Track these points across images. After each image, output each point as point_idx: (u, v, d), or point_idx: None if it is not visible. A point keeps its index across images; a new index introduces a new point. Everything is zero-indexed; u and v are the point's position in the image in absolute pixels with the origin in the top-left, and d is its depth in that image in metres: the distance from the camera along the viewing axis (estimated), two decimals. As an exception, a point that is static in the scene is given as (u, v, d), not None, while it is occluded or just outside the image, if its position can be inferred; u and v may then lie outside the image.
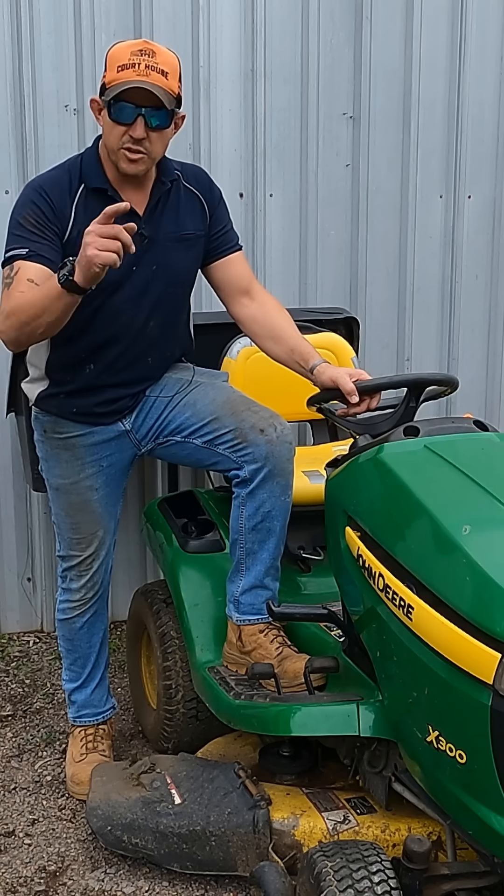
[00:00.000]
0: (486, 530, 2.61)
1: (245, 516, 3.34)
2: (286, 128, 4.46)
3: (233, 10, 4.32)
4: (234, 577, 3.41)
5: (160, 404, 3.44)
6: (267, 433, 3.29)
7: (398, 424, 3.03)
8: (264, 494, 3.31)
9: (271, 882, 2.84)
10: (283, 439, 3.30)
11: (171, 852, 3.09)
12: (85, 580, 3.55)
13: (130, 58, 3.10)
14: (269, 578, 3.38)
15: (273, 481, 3.30)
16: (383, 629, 2.77)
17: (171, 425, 3.43)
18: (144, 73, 3.09)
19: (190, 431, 3.39)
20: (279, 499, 3.33)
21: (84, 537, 3.51)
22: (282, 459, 3.30)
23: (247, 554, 3.36)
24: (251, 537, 3.35)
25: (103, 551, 3.55)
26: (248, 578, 3.37)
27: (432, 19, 4.51)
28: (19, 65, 4.19)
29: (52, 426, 3.44)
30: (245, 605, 3.37)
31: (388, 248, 4.64)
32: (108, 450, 3.45)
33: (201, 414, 3.38)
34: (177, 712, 3.59)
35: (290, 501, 3.36)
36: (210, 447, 3.36)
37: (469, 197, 4.69)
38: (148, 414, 3.45)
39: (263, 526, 3.33)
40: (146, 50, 3.11)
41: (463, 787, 2.54)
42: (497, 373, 4.89)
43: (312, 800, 3.09)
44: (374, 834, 2.97)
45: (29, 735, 3.95)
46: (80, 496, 3.47)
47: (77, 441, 3.42)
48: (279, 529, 3.36)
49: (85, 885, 3.15)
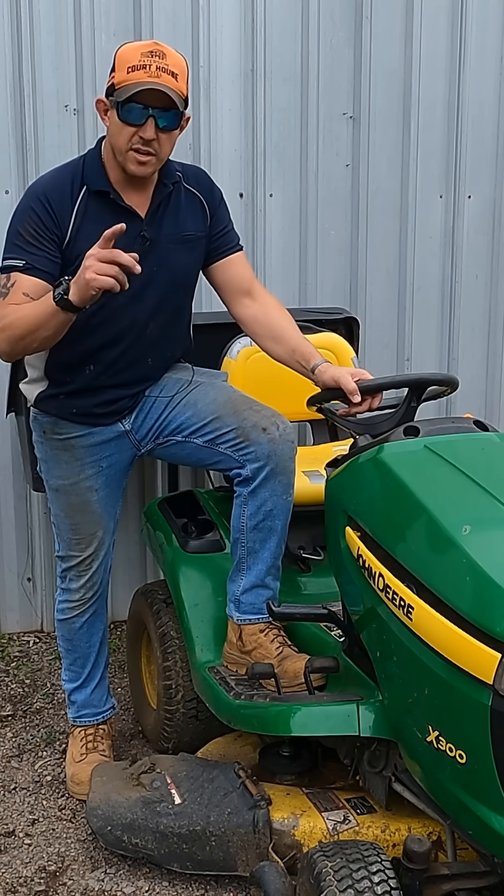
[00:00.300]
0: (487, 530, 2.61)
1: (247, 515, 3.34)
2: (286, 128, 4.46)
3: (233, 10, 4.32)
4: (234, 577, 3.40)
5: (160, 404, 3.44)
6: (269, 432, 3.29)
7: (398, 424, 3.02)
8: (266, 493, 3.31)
9: (271, 882, 2.84)
10: (285, 438, 3.30)
11: (171, 852, 3.09)
12: (84, 580, 3.55)
13: (141, 59, 3.09)
14: (271, 578, 3.38)
15: (275, 480, 3.30)
16: (383, 629, 2.77)
17: (171, 425, 3.43)
18: (156, 75, 3.09)
19: (191, 431, 3.39)
20: (281, 497, 3.33)
21: (84, 538, 3.51)
22: (284, 458, 3.30)
23: (248, 553, 3.36)
24: (253, 536, 3.35)
25: (102, 551, 3.54)
26: (249, 577, 3.37)
27: (432, 19, 4.51)
28: (19, 65, 4.19)
29: (51, 427, 3.43)
30: (246, 605, 3.37)
31: (388, 248, 4.64)
32: (107, 450, 3.44)
33: (202, 413, 3.38)
34: (177, 712, 3.59)
35: (291, 500, 3.36)
36: (211, 446, 3.36)
37: (469, 197, 4.69)
38: (148, 414, 3.45)
39: (265, 525, 3.33)
40: (156, 51, 3.11)
41: (463, 787, 2.54)
42: (497, 373, 4.88)
43: (312, 800, 3.09)
44: (374, 834, 2.97)
45: (29, 735, 3.95)
46: (80, 497, 3.46)
47: (77, 442, 3.42)
48: (281, 528, 3.35)
49: (85, 885, 3.15)
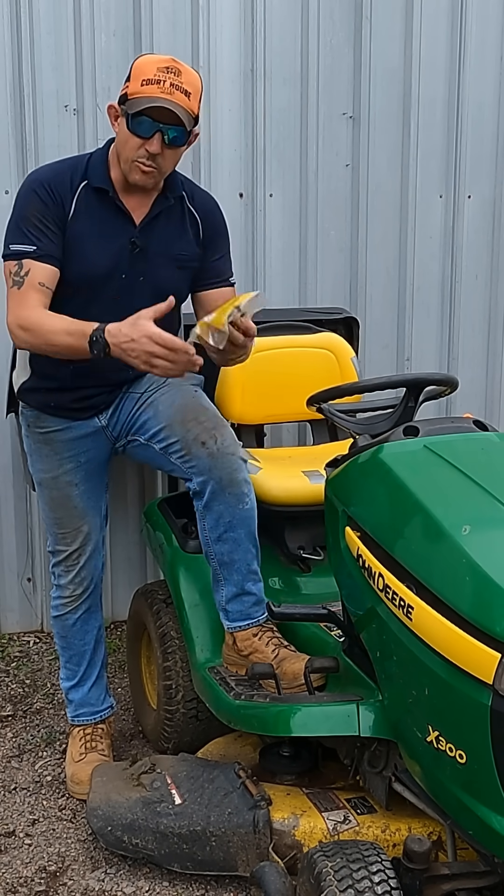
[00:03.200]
0: (486, 530, 2.61)
1: (208, 528, 3.31)
2: (286, 128, 4.45)
3: (233, 10, 4.32)
4: (216, 587, 3.39)
5: (131, 400, 3.45)
6: (207, 445, 3.24)
7: (398, 424, 3.02)
8: (220, 506, 3.27)
9: (272, 882, 2.84)
10: (224, 451, 3.24)
11: (172, 852, 3.09)
12: (73, 575, 3.57)
13: (157, 74, 3.11)
14: (250, 583, 3.35)
15: (224, 493, 3.25)
16: (383, 629, 2.77)
17: (136, 423, 3.43)
18: (168, 91, 3.11)
19: (150, 434, 3.39)
20: (236, 508, 3.27)
21: (68, 532, 3.53)
22: (227, 471, 3.24)
23: (220, 565, 3.34)
24: (219, 548, 3.32)
25: (89, 547, 3.55)
26: (228, 587, 3.35)
27: (432, 19, 4.50)
28: (19, 65, 4.18)
29: (34, 420, 3.47)
30: (233, 613, 3.36)
31: (388, 248, 4.64)
32: (85, 445, 3.46)
33: (159, 417, 3.37)
34: (177, 712, 3.59)
35: (250, 509, 3.30)
36: (165, 454, 3.35)
37: (469, 197, 4.68)
38: (121, 410, 3.47)
39: (228, 536, 3.30)
40: (172, 68, 3.13)
41: (463, 786, 2.53)
42: (497, 373, 4.88)
43: (313, 800, 3.09)
44: (374, 834, 2.97)
45: (29, 735, 3.95)
46: (61, 491, 3.49)
47: (55, 436, 3.45)
48: (245, 536, 3.31)
49: (85, 885, 3.15)
